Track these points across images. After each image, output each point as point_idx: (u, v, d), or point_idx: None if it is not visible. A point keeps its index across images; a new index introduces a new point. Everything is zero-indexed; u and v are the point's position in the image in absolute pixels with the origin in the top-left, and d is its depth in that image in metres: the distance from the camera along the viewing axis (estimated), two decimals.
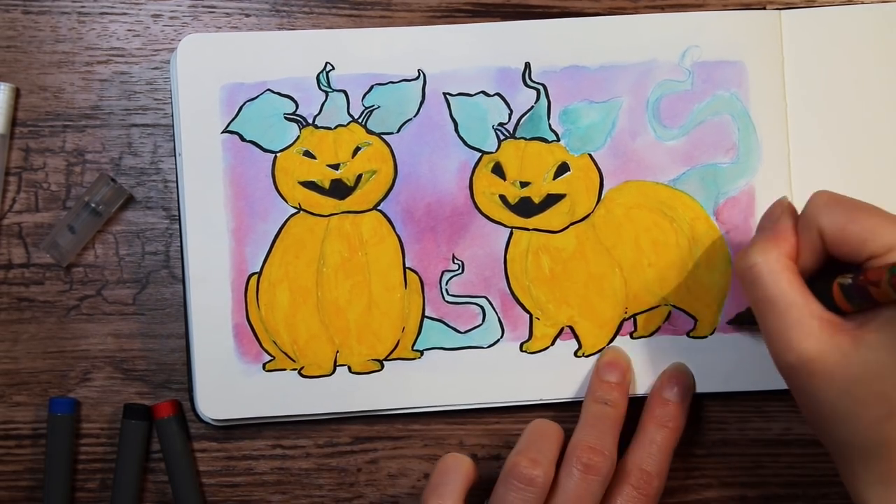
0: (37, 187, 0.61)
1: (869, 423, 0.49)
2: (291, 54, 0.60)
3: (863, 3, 0.61)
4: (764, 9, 0.61)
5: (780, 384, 0.59)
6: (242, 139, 0.59)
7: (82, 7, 0.62)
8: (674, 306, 0.60)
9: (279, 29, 0.61)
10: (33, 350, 0.61)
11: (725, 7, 0.61)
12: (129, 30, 0.62)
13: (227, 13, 0.62)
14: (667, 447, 0.57)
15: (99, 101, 0.61)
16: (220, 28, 0.61)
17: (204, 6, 0.62)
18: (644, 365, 0.60)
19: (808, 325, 0.50)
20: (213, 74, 0.59)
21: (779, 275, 0.51)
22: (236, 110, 0.59)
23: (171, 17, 0.62)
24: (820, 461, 0.61)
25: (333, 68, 0.60)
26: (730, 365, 0.60)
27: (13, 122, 0.61)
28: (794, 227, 0.53)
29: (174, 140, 0.60)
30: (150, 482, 0.61)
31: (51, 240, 0.60)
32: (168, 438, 0.60)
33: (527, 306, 0.60)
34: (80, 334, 0.61)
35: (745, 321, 0.59)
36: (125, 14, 0.62)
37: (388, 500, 0.62)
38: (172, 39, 0.61)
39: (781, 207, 0.54)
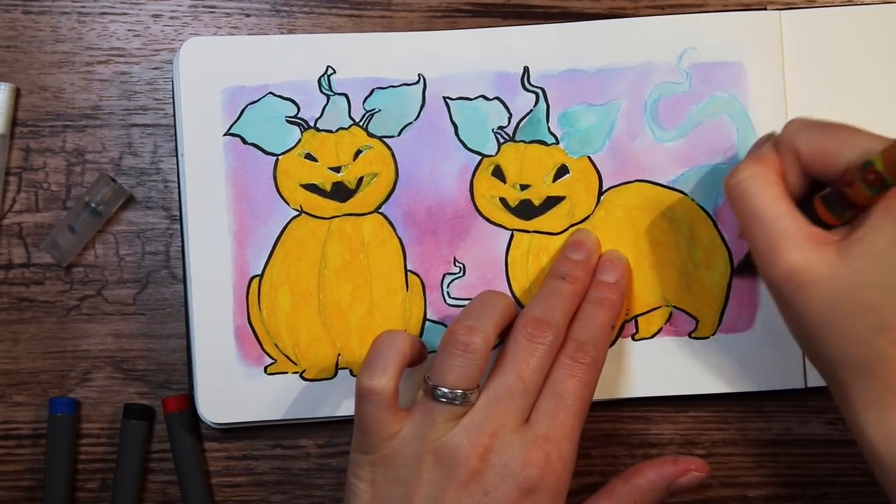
0: (37, 187, 0.61)
1: (859, 337, 0.49)
2: (293, 58, 0.60)
3: (863, 3, 0.61)
4: (764, 9, 0.61)
5: (781, 384, 0.59)
6: (244, 142, 0.59)
7: (82, 7, 0.61)
8: (675, 307, 0.60)
9: (279, 29, 0.61)
10: (33, 350, 0.61)
11: (726, 7, 0.61)
12: (130, 30, 0.62)
13: (228, 13, 0.62)
14: (603, 322, 0.57)
15: (99, 101, 0.61)
16: (220, 28, 0.61)
17: (204, 6, 0.62)
18: (646, 367, 0.60)
19: (793, 236, 0.50)
20: (214, 77, 0.59)
21: (765, 188, 0.51)
22: (238, 113, 0.59)
23: (172, 17, 0.62)
24: (820, 461, 0.61)
25: (335, 72, 0.60)
26: (731, 365, 0.60)
27: (13, 122, 0.61)
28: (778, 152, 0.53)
29: (175, 140, 0.60)
30: (150, 482, 0.61)
31: (51, 240, 0.60)
32: (178, 434, 0.60)
33: None
34: (81, 334, 0.61)
35: (749, 267, 0.59)
36: (125, 14, 0.62)
37: None
38: (173, 39, 0.61)
39: (766, 137, 0.55)
